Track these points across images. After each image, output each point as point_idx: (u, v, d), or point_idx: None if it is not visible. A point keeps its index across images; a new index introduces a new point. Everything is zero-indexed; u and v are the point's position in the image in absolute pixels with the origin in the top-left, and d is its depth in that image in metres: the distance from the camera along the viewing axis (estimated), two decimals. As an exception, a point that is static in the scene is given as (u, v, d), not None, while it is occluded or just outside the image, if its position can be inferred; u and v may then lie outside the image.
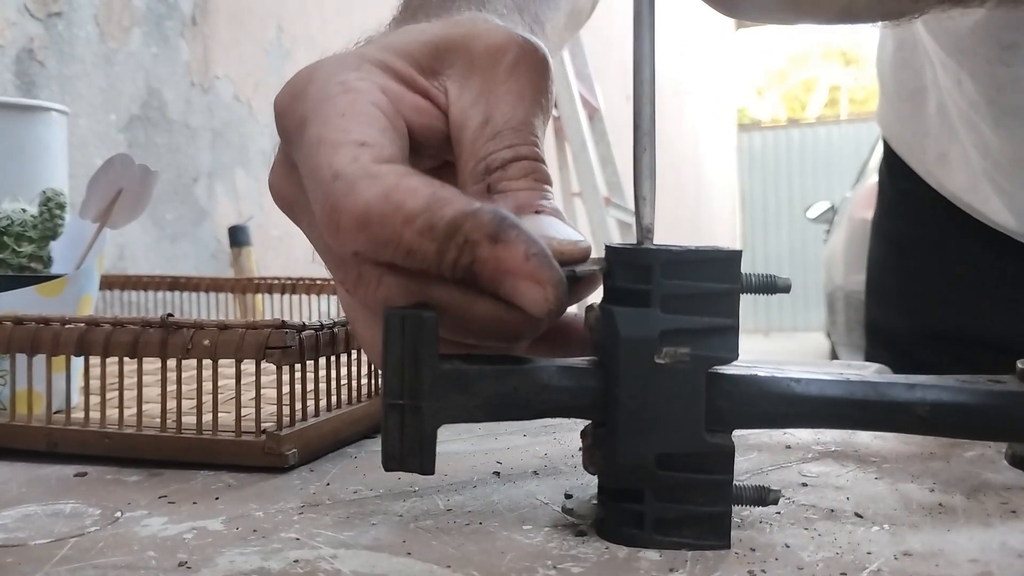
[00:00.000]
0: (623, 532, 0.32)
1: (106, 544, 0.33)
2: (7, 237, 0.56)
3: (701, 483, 0.32)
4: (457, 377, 0.32)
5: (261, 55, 1.90)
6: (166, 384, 0.45)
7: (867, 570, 0.29)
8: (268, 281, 0.90)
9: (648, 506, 0.32)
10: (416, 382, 0.31)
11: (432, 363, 0.31)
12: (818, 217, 6.02)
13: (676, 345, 0.31)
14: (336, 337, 0.47)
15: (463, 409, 0.32)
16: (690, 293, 0.32)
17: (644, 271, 0.32)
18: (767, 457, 0.44)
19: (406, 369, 0.31)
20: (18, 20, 1.22)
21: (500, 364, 0.32)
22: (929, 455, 0.44)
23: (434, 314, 0.31)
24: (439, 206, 0.30)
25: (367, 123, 0.33)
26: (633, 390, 0.31)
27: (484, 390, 0.32)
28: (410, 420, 0.31)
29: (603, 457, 0.33)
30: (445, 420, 0.32)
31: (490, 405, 0.32)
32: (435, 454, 0.32)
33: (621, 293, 0.32)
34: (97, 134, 1.39)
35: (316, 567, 0.30)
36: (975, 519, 0.34)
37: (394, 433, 0.31)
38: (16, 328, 0.47)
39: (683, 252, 0.32)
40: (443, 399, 0.31)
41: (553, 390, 0.32)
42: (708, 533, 0.32)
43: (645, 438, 0.32)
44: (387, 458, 0.32)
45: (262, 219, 1.84)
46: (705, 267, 0.32)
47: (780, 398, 0.33)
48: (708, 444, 0.32)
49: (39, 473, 0.44)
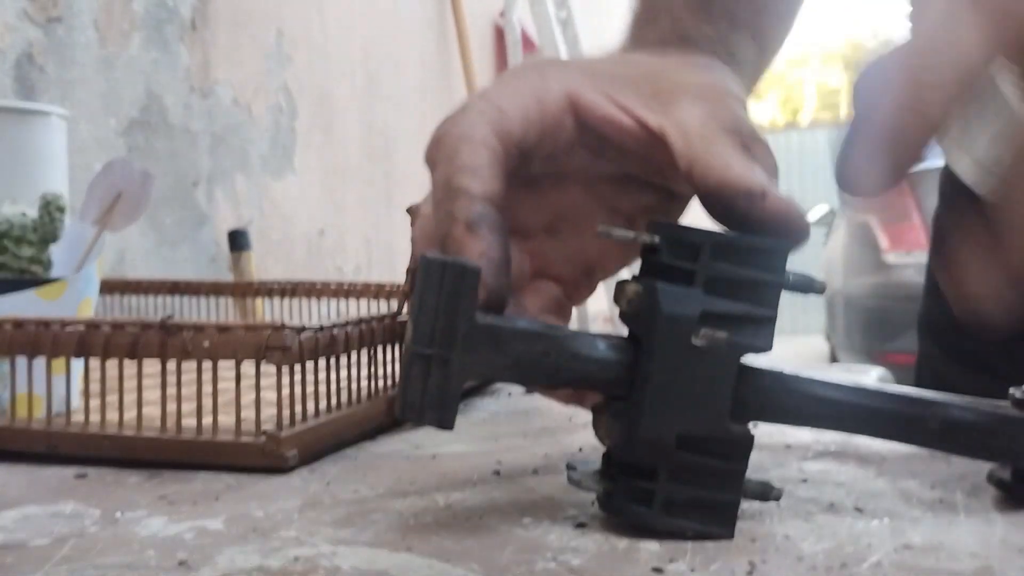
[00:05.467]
0: (630, 509, 0.32)
1: (106, 544, 0.33)
2: (7, 240, 0.56)
3: (716, 469, 0.32)
4: (492, 332, 0.31)
5: (261, 60, 1.90)
6: (166, 386, 0.45)
7: (867, 562, 0.29)
8: (268, 285, 0.91)
9: (660, 485, 0.32)
10: (449, 333, 0.30)
11: (469, 315, 0.30)
12: (817, 221, 6.02)
13: (714, 328, 0.31)
14: (336, 339, 0.47)
15: (492, 367, 0.31)
16: (735, 278, 0.32)
17: (692, 250, 0.32)
18: (767, 455, 0.44)
19: (440, 318, 0.30)
20: (18, 25, 1.23)
21: (534, 327, 0.32)
22: (929, 455, 0.44)
23: (478, 266, 0.31)
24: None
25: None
26: (665, 367, 0.31)
27: (516, 349, 0.31)
28: (437, 371, 0.31)
29: (621, 430, 0.32)
30: (473, 376, 0.31)
31: (519, 366, 0.32)
32: (457, 409, 0.31)
33: (666, 269, 0.32)
34: (97, 138, 1.39)
35: (316, 564, 0.30)
36: (976, 515, 0.34)
37: (416, 383, 0.31)
38: (16, 331, 0.47)
39: (734, 237, 0.32)
40: (474, 353, 0.31)
41: (583, 360, 0.32)
42: (714, 521, 0.32)
43: (669, 416, 0.32)
44: (406, 408, 0.31)
45: (262, 223, 1.84)
46: (753, 255, 0.32)
47: (804, 397, 0.34)
48: (730, 431, 0.32)
49: (39, 475, 0.44)
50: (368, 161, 2.41)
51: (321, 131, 2.16)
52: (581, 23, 3.42)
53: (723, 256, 0.32)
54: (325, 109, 2.18)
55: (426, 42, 2.82)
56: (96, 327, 0.46)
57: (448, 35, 2.95)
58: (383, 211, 2.43)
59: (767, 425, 0.51)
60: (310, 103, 2.09)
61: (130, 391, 0.46)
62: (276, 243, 1.91)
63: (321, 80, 2.16)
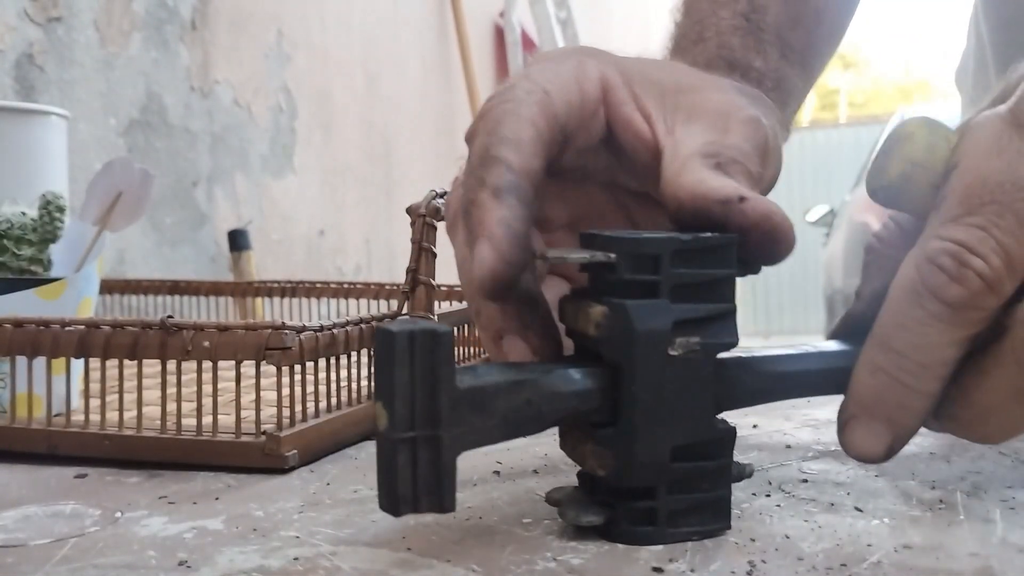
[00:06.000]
0: (637, 532, 0.32)
1: (106, 544, 0.33)
2: (7, 240, 0.56)
3: (708, 470, 0.32)
4: (475, 395, 0.29)
5: (261, 60, 1.90)
6: (166, 386, 0.45)
7: (867, 562, 0.29)
8: (268, 285, 0.91)
9: (660, 501, 0.32)
10: (432, 409, 0.28)
11: (450, 384, 0.28)
12: (817, 221, 6.01)
13: (686, 335, 0.31)
14: (336, 339, 0.47)
15: (481, 431, 0.29)
16: (695, 281, 0.31)
17: (652, 261, 0.31)
18: (767, 456, 0.44)
19: (419, 394, 0.28)
20: (18, 25, 1.23)
21: (509, 375, 0.30)
22: (929, 455, 0.44)
23: (449, 328, 0.28)
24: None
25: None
26: (648, 385, 0.31)
27: (500, 406, 0.29)
28: (425, 453, 0.28)
29: (616, 457, 0.31)
30: (464, 447, 0.29)
31: (507, 422, 0.30)
32: (456, 487, 0.29)
33: (626, 284, 0.31)
34: (97, 138, 1.39)
35: (316, 564, 0.30)
36: (975, 515, 0.34)
37: (405, 472, 0.28)
38: (16, 331, 0.47)
39: (689, 239, 0.31)
40: (462, 423, 0.29)
41: (564, 397, 0.31)
42: (712, 518, 0.32)
43: (662, 433, 0.31)
44: (399, 502, 0.28)
45: (262, 223, 1.84)
46: (707, 254, 0.32)
47: (770, 376, 0.34)
48: (718, 430, 0.32)
49: (39, 475, 0.44)
50: (368, 161, 2.41)
51: (321, 131, 2.16)
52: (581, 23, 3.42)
53: (682, 261, 0.31)
54: (325, 109, 2.18)
55: (426, 42, 2.82)
56: (96, 327, 0.46)
57: (448, 35, 2.95)
58: (383, 211, 2.43)
59: (767, 425, 0.51)
60: (310, 103, 2.09)
61: (130, 391, 0.46)
62: (276, 243, 1.91)
63: (321, 80, 2.16)
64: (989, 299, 0.31)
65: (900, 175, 0.35)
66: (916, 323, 0.32)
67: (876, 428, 0.33)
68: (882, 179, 0.35)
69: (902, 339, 0.32)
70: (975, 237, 0.31)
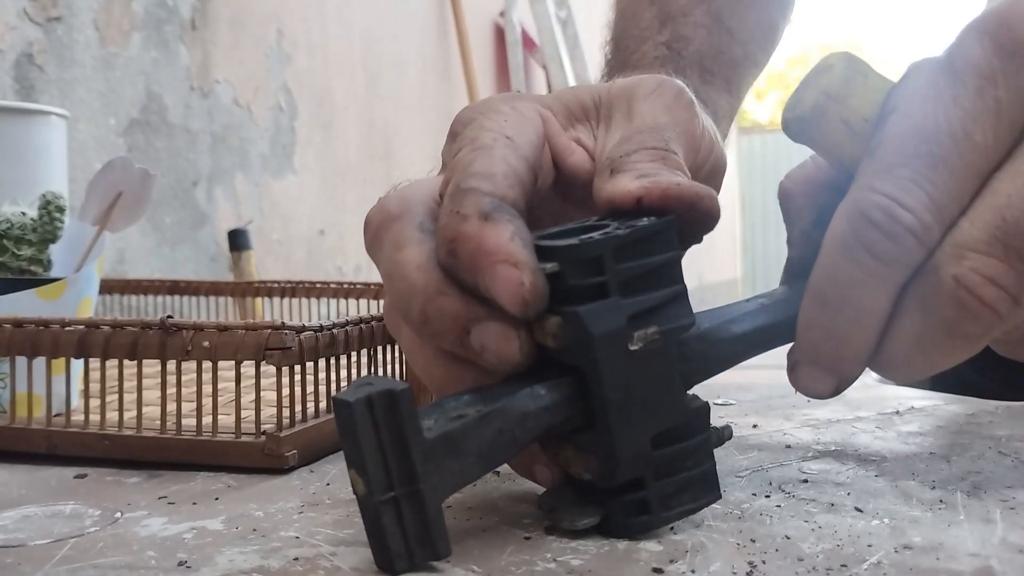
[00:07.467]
0: (633, 523, 0.32)
1: (106, 544, 0.33)
2: (7, 240, 0.56)
3: (690, 448, 0.33)
4: (446, 441, 0.29)
5: (261, 59, 1.90)
6: (166, 386, 0.45)
7: (867, 562, 0.29)
8: (268, 285, 0.91)
9: (650, 489, 0.32)
10: (407, 467, 0.28)
11: (418, 438, 0.28)
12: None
13: (643, 327, 0.31)
14: (336, 339, 0.47)
15: (460, 473, 0.29)
16: (641, 272, 0.31)
17: (595, 262, 0.31)
18: (767, 456, 0.44)
19: (391, 457, 0.28)
20: (18, 24, 1.23)
21: (474, 409, 0.30)
22: (929, 455, 0.44)
23: (407, 385, 0.28)
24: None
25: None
26: (616, 385, 0.31)
27: (472, 443, 0.29)
28: (409, 508, 0.28)
29: (599, 460, 0.32)
30: (446, 492, 0.29)
31: (482, 457, 0.30)
32: (447, 530, 0.29)
33: (577, 291, 0.31)
34: (97, 138, 1.39)
35: (316, 564, 0.30)
36: (976, 515, 0.34)
37: (393, 531, 0.28)
38: (16, 331, 0.47)
39: (627, 234, 0.31)
40: (439, 471, 0.29)
41: (534, 416, 0.31)
42: (702, 492, 0.33)
43: (639, 428, 0.31)
44: (394, 559, 0.28)
45: (262, 223, 1.84)
46: (647, 242, 0.31)
47: (728, 341, 0.35)
48: (692, 409, 0.33)
49: (39, 475, 0.44)
50: (368, 161, 2.41)
51: (321, 130, 2.16)
52: (581, 23, 3.43)
53: (625, 256, 0.31)
54: (325, 109, 2.18)
55: (426, 42, 2.83)
56: (96, 327, 0.46)
57: (448, 35, 2.96)
58: (383, 211, 2.43)
59: (767, 425, 0.51)
60: (310, 103, 2.09)
61: (130, 391, 0.46)
62: (276, 243, 1.91)
63: (321, 80, 2.16)
64: (920, 253, 0.31)
65: (814, 106, 0.34)
66: (848, 277, 0.32)
67: (820, 374, 0.34)
68: (795, 110, 0.35)
69: (835, 293, 0.32)
70: (906, 191, 0.31)
